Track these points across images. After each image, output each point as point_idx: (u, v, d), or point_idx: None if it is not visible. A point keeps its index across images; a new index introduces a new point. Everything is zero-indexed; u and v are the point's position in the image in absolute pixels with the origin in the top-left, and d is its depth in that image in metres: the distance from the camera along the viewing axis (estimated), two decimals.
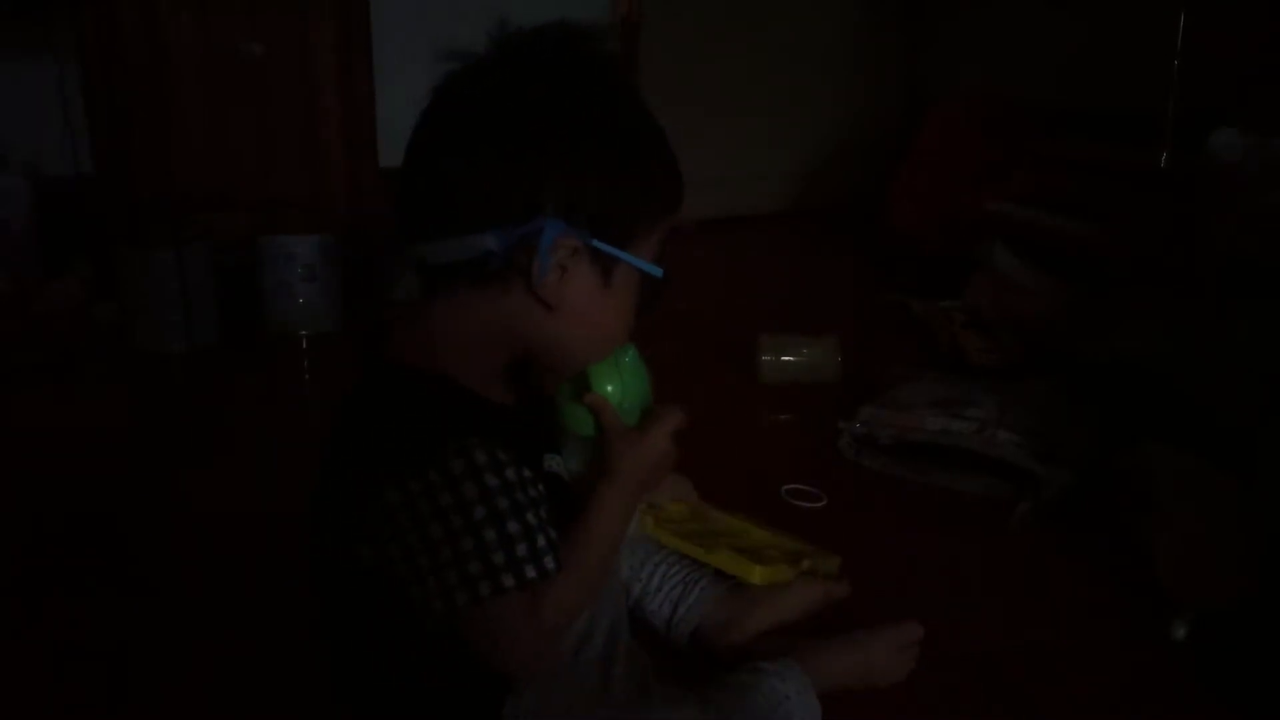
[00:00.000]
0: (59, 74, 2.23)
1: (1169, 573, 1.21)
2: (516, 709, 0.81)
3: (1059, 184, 2.33)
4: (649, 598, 1.08)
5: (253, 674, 1.05)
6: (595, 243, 0.74)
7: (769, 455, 1.62)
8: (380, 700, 0.82)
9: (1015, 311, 2.09)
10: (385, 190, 2.41)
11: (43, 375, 1.94)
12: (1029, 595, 1.25)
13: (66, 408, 1.83)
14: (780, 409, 1.77)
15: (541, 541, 0.72)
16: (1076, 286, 2.06)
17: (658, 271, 0.78)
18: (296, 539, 0.83)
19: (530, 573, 0.71)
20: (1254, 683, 1.08)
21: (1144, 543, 1.27)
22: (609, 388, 0.81)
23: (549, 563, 0.72)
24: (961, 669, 1.08)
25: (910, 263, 2.60)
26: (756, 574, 1.02)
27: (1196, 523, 1.24)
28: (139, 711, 1.01)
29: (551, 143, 0.73)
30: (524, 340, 0.79)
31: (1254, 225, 1.83)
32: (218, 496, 1.47)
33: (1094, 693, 1.07)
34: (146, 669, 1.07)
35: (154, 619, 1.16)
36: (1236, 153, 1.96)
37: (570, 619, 0.78)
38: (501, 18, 0.76)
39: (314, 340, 2.12)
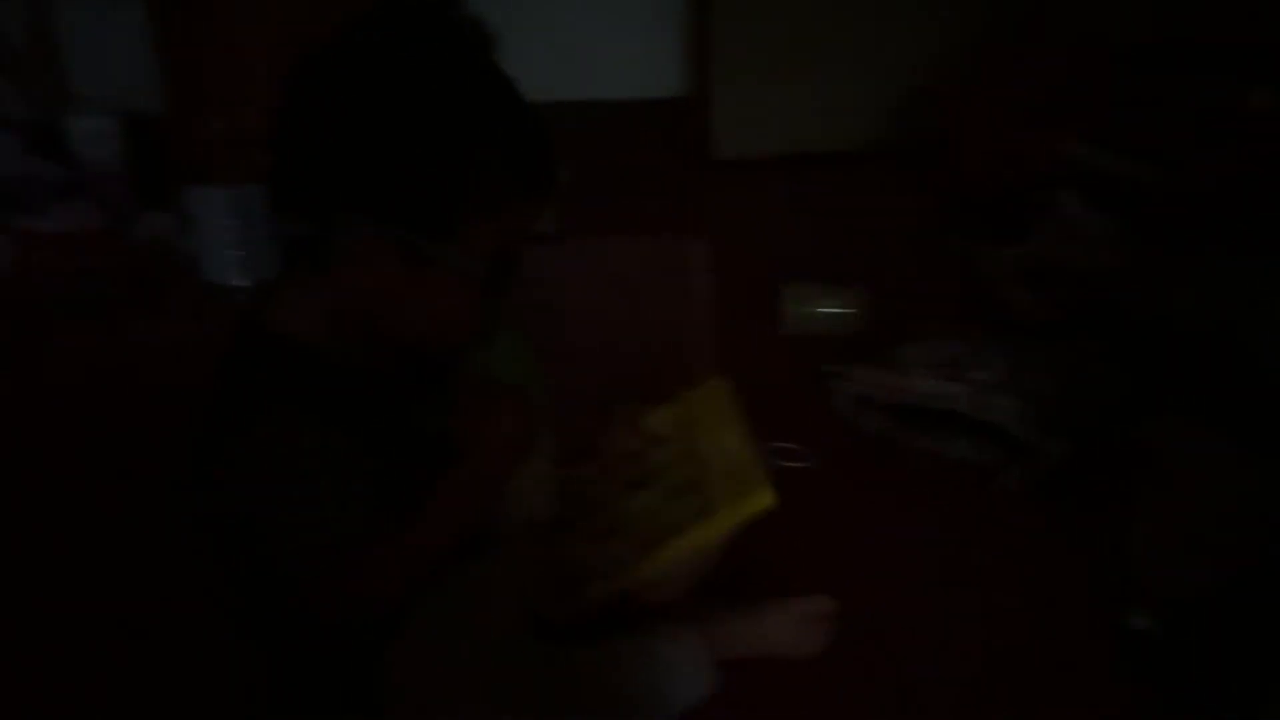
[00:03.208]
0: (143, 15, 2.36)
1: (1141, 561, 1.15)
2: (401, 654, 0.84)
3: (1137, 125, 2.16)
4: None
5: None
6: (409, 235, 0.73)
7: (773, 409, 1.60)
8: (275, 647, 0.87)
9: (1075, 262, 1.97)
10: None
11: (128, 307, 2.10)
12: (992, 574, 1.21)
13: (149, 337, 1.96)
14: (812, 361, 1.71)
15: (356, 508, 0.73)
16: (1143, 237, 1.93)
17: (479, 266, 0.75)
18: None
19: (340, 534, 0.73)
20: (1214, 680, 1.02)
21: (1127, 522, 1.21)
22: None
23: (358, 527, 0.73)
24: (875, 646, 1.07)
25: (981, 208, 2.47)
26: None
27: (1186, 512, 1.17)
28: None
29: (359, 138, 0.71)
30: (368, 320, 0.78)
31: None
32: None
33: (1035, 676, 1.04)
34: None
35: None
36: None
37: (394, 586, 0.78)
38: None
39: None
